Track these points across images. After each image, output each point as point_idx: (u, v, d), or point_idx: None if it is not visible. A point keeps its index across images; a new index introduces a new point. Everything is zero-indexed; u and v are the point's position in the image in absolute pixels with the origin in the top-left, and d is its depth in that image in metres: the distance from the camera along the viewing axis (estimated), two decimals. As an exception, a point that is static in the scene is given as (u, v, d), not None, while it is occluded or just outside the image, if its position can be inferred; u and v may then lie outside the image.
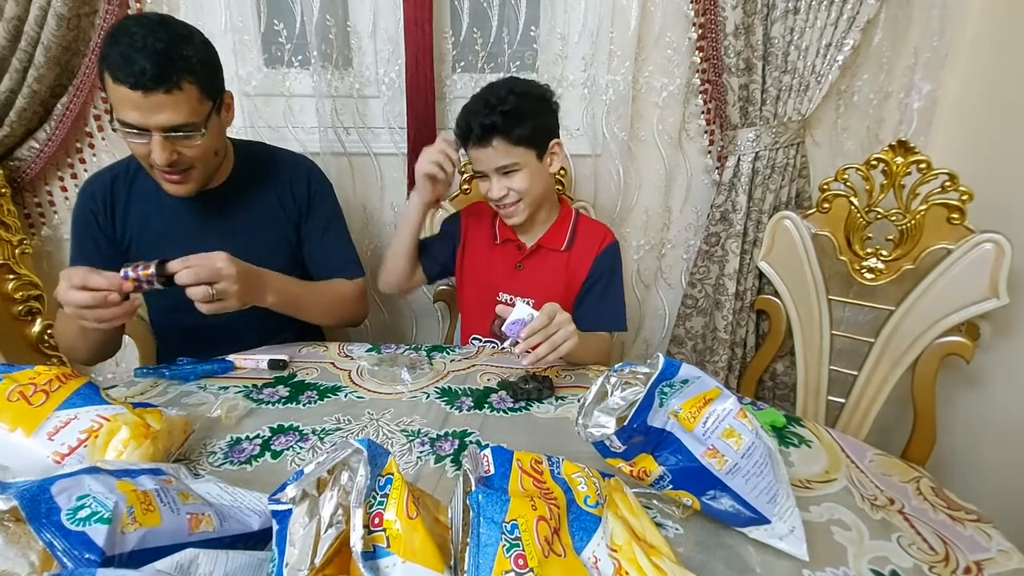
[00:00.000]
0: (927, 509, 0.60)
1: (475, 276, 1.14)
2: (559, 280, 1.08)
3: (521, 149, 0.95)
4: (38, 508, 0.37)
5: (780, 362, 1.34)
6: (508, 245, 1.10)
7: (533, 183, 0.99)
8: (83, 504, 0.39)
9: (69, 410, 0.56)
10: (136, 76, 0.77)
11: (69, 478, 0.41)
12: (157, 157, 0.83)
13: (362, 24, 1.27)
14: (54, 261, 1.43)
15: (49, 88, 1.22)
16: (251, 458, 0.69)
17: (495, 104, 0.93)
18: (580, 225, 1.10)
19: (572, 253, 1.07)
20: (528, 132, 0.95)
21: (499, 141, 0.94)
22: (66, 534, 0.36)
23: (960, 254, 1.03)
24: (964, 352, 1.06)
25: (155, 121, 0.81)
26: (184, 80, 0.81)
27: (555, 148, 1.00)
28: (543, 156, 0.99)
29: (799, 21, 1.14)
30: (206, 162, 0.91)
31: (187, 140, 0.85)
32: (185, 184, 0.91)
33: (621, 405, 0.58)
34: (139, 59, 0.76)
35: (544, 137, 0.98)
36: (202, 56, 0.84)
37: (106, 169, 1.02)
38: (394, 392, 0.84)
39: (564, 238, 1.08)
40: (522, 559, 0.39)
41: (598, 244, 1.07)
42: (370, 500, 0.39)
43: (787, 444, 0.72)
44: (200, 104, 0.85)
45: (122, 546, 0.38)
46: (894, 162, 1.08)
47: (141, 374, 0.87)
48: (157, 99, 0.79)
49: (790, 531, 0.54)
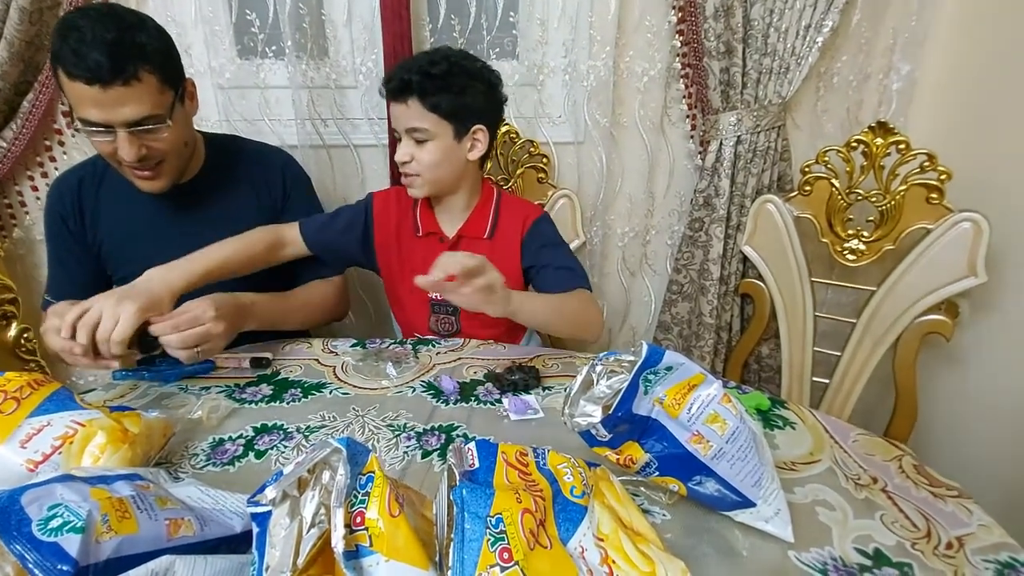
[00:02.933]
0: (909, 487, 0.61)
1: (398, 272, 1.06)
2: None
3: (435, 117, 0.90)
4: (8, 520, 0.36)
5: (765, 345, 1.35)
6: (431, 238, 1.03)
7: (441, 161, 0.93)
8: (55, 514, 0.38)
9: (42, 416, 0.55)
10: (91, 70, 0.74)
11: (40, 487, 0.40)
12: (125, 154, 0.81)
13: (337, 13, 1.24)
14: (27, 263, 1.40)
15: (13, 85, 1.18)
16: (234, 459, 0.68)
17: (424, 65, 0.89)
18: (503, 208, 1.03)
19: (496, 240, 1.01)
20: (446, 103, 0.90)
21: (413, 101, 0.90)
22: (37, 545, 0.35)
23: (939, 233, 1.05)
24: (944, 330, 1.07)
25: (118, 116, 0.78)
26: (141, 70, 0.78)
27: (478, 134, 0.95)
28: (462, 137, 0.94)
29: (779, 2, 1.13)
30: (177, 154, 0.89)
31: (153, 133, 0.83)
32: (157, 180, 0.88)
33: (607, 394, 0.58)
34: (91, 52, 0.74)
35: (466, 116, 0.92)
36: (157, 43, 0.81)
37: (72, 170, 0.99)
38: (380, 387, 0.84)
39: (486, 225, 1.02)
40: (507, 552, 0.38)
41: (520, 227, 1.01)
42: (351, 499, 0.39)
43: (772, 427, 0.73)
44: (161, 94, 0.82)
45: (96, 556, 0.37)
46: (874, 143, 1.08)
47: (120, 377, 0.85)
48: (116, 93, 0.77)
49: (775, 513, 0.55)
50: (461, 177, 0.99)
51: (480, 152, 0.97)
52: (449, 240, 1.02)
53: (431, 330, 1.08)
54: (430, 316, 1.06)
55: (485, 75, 0.94)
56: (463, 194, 1.02)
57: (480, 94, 0.93)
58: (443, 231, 1.03)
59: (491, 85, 0.95)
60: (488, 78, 0.94)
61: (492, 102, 0.96)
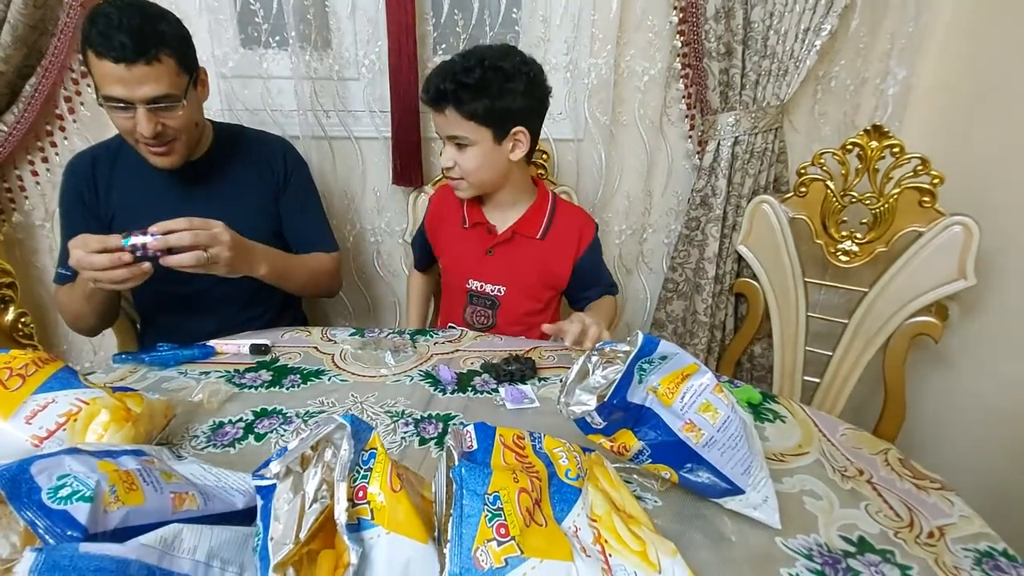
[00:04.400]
0: (894, 479, 0.63)
1: (447, 262, 1.13)
2: (532, 268, 1.06)
3: (472, 124, 0.92)
4: (18, 488, 0.37)
5: (758, 344, 1.37)
6: (478, 229, 1.07)
7: (482, 164, 0.96)
8: (64, 483, 0.39)
9: (47, 394, 0.56)
10: (117, 50, 0.83)
11: (48, 458, 0.41)
12: (143, 128, 0.88)
13: (341, 5, 1.25)
14: (26, 248, 1.40)
15: (16, 69, 1.19)
16: (234, 441, 0.69)
17: (457, 72, 0.89)
18: (558, 213, 1.07)
19: (548, 241, 1.05)
20: (483, 109, 0.90)
21: (451, 111, 0.91)
22: (47, 512, 0.36)
23: (931, 236, 1.06)
24: (933, 332, 1.09)
25: (139, 93, 0.86)
26: (162, 52, 0.86)
27: (519, 135, 0.95)
28: (502, 139, 0.94)
29: (778, 5, 1.15)
30: (188, 133, 0.96)
31: (169, 111, 0.91)
32: (170, 156, 0.96)
33: (602, 384, 0.59)
34: (118, 35, 0.83)
35: (504, 119, 0.93)
36: (176, 32, 0.90)
37: (86, 151, 1.06)
38: (378, 375, 0.85)
39: (540, 226, 1.05)
40: (504, 528, 0.40)
41: (576, 240, 1.05)
42: (354, 474, 0.40)
43: (762, 420, 0.74)
44: (178, 77, 0.90)
45: (104, 524, 0.38)
46: (869, 146, 1.10)
47: (120, 360, 0.86)
48: (139, 71, 0.85)
49: (763, 501, 0.56)
50: (506, 176, 1.01)
51: (522, 152, 0.97)
52: (499, 234, 1.06)
53: (465, 321, 1.11)
54: (466, 307, 1.10)
55: (523, 72, 0.92)
56: (510, 190, 1.04)
57: (518, 95, 0.92)
58: (491, 223, 1.06)
59: (531, 81, 0.93)
60: (527, 73, 0.93)
61: (533, 100, 0.95)
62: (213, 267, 0.85)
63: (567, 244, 1.05)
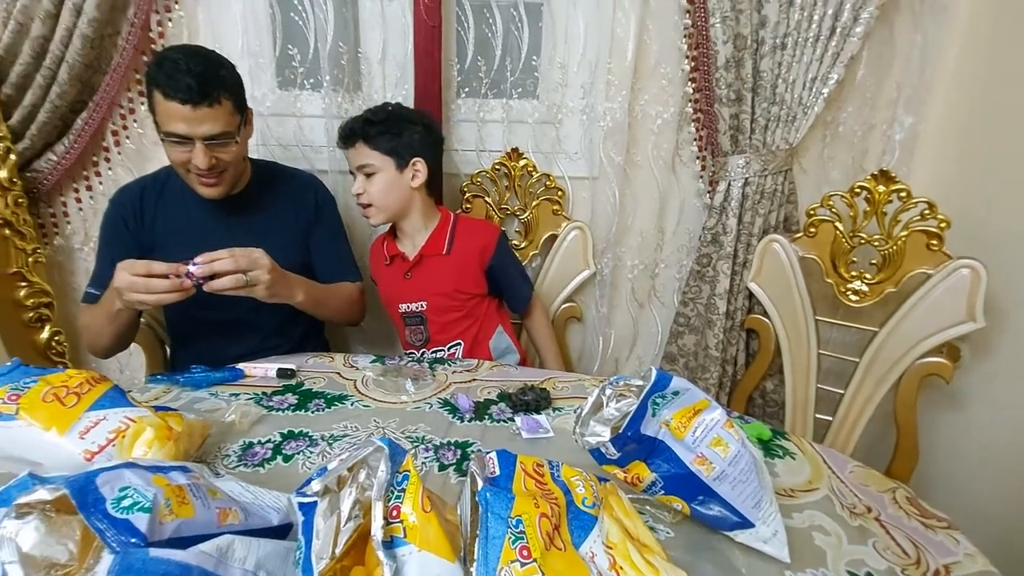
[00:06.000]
0: (902, 516, 0.65)
1: (382, 295, 1.26)
2: (445, 280, 1.17)
3: (377, 154, 1.09)
4: (86, 498, 0.41)
5: (770, 380, 1.38)
6: (396, 260, 1.20)
7: (388, 190, 1.11)
8: (125, 494, 0.42)
9: (99, 411, 0.60)
10: (184, 92, 0.92)
11: (111, 471, 0.45)
12: (199, 161, 0.97)
13: (373, 51, 1.33)
14: (64, 271, 1.47)
15: (69, 104, 1.27)
16: (264, 461, 0.72)
17: (367, 115, 1.11)
18: (459, 228, 1.20)
19: (454, 255, 1.17)
20: (386, 141, 1.09)
21: (360, 144, 1.10)
22: (113, 521, 0.40)
23: (939, 279, 1.09)
24: (944, 373, 1.10)
25: (199, 131, 0.95)
26: (222, 95, 0.96)
27: (417, 165, 1.12)
28: (403, 168, 1.11)
29: (786, 56, 1.20)
30: (235, 167, 1.05)
31: (224, 147, 1.00)
32: (218, 187, 1.03)
33: (615, 416, 0.62)
34: (185, 78, 0.91)
35: (404, 151, 1.11)
36: (233, 78, 1.00)
37: (134, 182, 1.14)
38: (399, 402, 0.88)
39: (444, 243, 1.17)
40: (526, 551, 0.42)
41: (480, 249, 1.17)
42: (388, 494, 0.43)
43: (772, 455, 0.76)
44: (233, 116, 1.00)
45: (160, 534, 0.42)
46: (876, 190, 1.14)
47: (155, 381, 0.91)
48: (202, 112, 0.94)
49: (773, 535, 0.58)
50: (409, 202, 1.15)
51: (421, 180, 1.14)
52: (411, 259, 1.18)
53: (407, 342, 1.23)
54: (404, 328, 1.22)
55: (419, 119, 1.15)
56: (416, 217, 1.18)
57: (416, 134, 1.12)
58: (404, 252, 1.19)
59: (426, 127, 1.15)
60: (423, 121, 1.15)
61: (428, 140, 1.16)
62: (253, 290, 0.91)
63: (472, 253, 1.17)
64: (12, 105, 1.24)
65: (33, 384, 0.60)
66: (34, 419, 0.57)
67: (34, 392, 0.59)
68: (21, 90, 1.23)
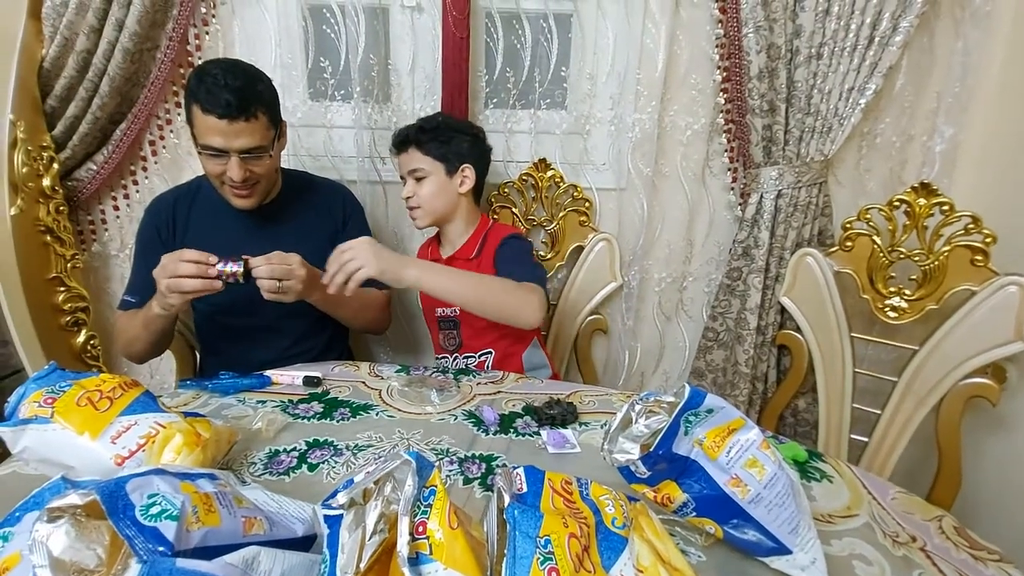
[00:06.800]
0: (949, 548, 0.61)
1: (424, 301, 1.28)
2: None
3: (429, 159, 1.14)
4: (116, 504, 0.41)
5: (802, 398, 1.34)
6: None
7: (436, 193, 1.15)
8: (154, 502, 0.42)
9: (130, 416, 0.60)
10: (223, 107, 0.93)
11: (140, 477, 0.45)
12: (233, 174, 0.99)
13: (402, 63, 1.34)
14: (100, 276, 1.51)
15: (109, 116, 1.31)
16: (289, 470, 0.72)
17: (420, 123, 1.17)
18: (490, 234, 1.21)
19: (481, 258, 1.19)
20: (437, 147, 1.14)
21: (412, 149, 1.15)
22: (141, 528, 0.40)
23: (984, 296, 1.04)
24: (990, 395, 1.05)
25: (235, 145, 0.97)
26: (259, 110, 0.98)
27: (466, 171, 1.17)
28: (453, 174, 1.16)
29: (822, 66, 1.18)
30: (268, 179, 1.07)
31: (258, 160, 1.02)
32: (251, 198, 1.06)
33: (645, 433, 0.60)
34: (223, 93, 0.93)
35: (454, 158, 1.15)
36: (269, 92, 1.02)
37: (168, 192, 1.17)
38: (423, 413, 0.87)
39: (475, 247, 1.20)
40: (555, 572, 0.41)
41: (494, 253, 1.17)
42: (415, 509, 0.42)
43: (809, 478, 0.73)
44: (268, 131, 1.01)
45: (187, 542, 0.41)
46: (917, 203, 1.10)
47: (184, 386, 0.92)
48: (239, 126, 0.96)
49: (811, 562, 0.55)
50: (455, 208, 1.19)
51: (469, 186, 1.18)
52: (444, 262, 1.20)
53: (440, 347, 1.24)
54: (439, 333, 1.23)
55: (469, 130, 1.21)
56: (459, 223, 1.21)
57: (465, 142, 1.17)
58: (441, 255, 1.23)
59: (475, 136, 1.21)
60: (472, 132, 1.21)
61: (477, 148, 1.20)
62: (284, 297, 0.94)
63: (490, 255, 1.19)
64: (56, 116, 1.29)
65: (68, 388, 0.61)
66: (68, 423, 0.58)
67: (69, 396, 0.60)
68: (65, 102, 1.27)
